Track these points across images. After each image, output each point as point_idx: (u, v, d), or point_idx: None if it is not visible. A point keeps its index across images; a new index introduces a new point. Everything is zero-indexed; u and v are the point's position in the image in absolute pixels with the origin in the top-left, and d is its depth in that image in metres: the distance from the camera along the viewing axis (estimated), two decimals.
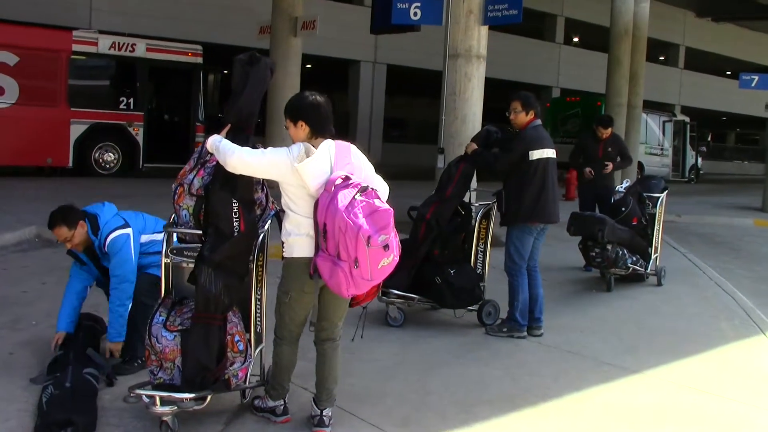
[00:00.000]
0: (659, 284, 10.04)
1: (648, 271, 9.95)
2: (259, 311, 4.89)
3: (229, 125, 4.68)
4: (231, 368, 4.62)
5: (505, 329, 7.16)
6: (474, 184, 8.02)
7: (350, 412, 5.06)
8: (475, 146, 7.33)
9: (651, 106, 31.82)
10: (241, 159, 4.40)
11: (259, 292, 4.86)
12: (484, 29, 12.96)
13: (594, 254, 9.28)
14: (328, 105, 4.59)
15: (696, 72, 47.87)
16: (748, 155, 60.54)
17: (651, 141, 32.40)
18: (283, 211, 4.58)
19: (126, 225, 5.48)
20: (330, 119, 4.59)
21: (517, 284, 7.14)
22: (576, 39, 44.13)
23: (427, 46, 21.72)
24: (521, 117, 7.12)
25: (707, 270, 11.42)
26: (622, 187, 10.25)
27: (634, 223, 9.65)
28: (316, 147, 4.43)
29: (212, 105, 23.49)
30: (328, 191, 4.25)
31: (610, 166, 10.75)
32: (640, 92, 27.68)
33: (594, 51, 38.19)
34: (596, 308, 8.62)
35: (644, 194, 9.96)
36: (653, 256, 10.01)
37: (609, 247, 9.10)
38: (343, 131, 33.52)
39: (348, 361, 5.65)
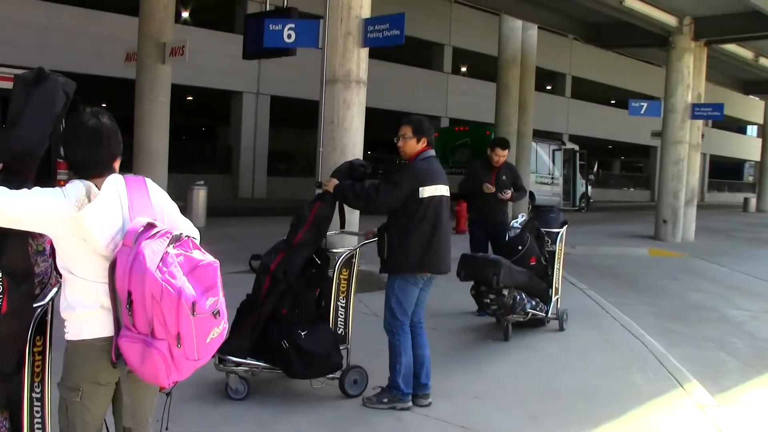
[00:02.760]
0: (561, 329, 8.98)
1: (549, 315, 8.90)
2: (38, 414, 3.49)
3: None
4: None
5: (385, 400, 5.90)
6: (355, 225, 6.81)
7: None
8: (336, 181, 6.07)
9: (539, 135, 31.57)
10: None
11: (38, 389, 3.47)
12: (364, 52, 12.00)
13: (489, 300, 8.06)
14: (112, 133, 3.31)
15: (582, 101, 48.25)
16: (633, 182, 61.52)
17: (541, 170, 32.14)
18: (60, 275, 3.29)
19: None
20: (111, 152, 3.32)
21: (398, 344, 5.92)
22: (464, 68, 43.97)
23: (312, 75, 20.71)
24: (411, 145, 5.99)
25: (609, 308, 10.50)
26: (517, 222, 9.16)
27: (533, 263, 8.49)
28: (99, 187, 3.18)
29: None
30: (128, 246, 3.03)
31: (510, 193, 9.68)
32: (529, 120, 27.39)
33: (482, 80, 37.91)
34: (493, 364, 7.45)
35: (542, 230, 8.90)
36: (554, 298, 8.96)
37: (505, 292, 7.92)
38: (226, 165, 32.34)
39: None
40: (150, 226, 3.12)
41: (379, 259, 6.02)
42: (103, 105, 38.03)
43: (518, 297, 8.13)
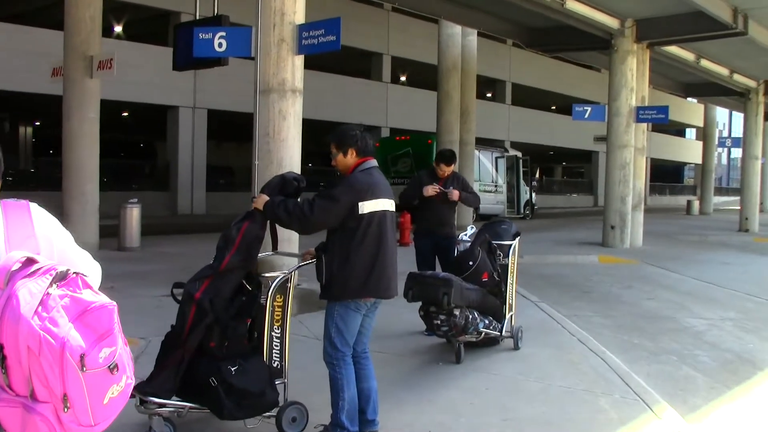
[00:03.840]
0: (516, 348, 8.40)
1: (503, 333, 8.31)
2: None
3: None
4: None
5: None
6: (294, 246, 6.14)
7: None
8: (266, 198, 5.40)
9: (481, 143, 31.29)
10: None
11: None
12: (299, 59, 11.47)
13: (439, 322, 7.42)
14: None
15: (523, 107, 48.22)
16: (576, 188, 61.76)
17: (484, 178, 31.86)
18: None
19: None
20: None
21: (340, 378, 5.28)
22: (403, 77, 43.65)
23: (250, 87, 20.15)
24: (341, 161, 5.38)
25: (564, 322, 10.00)
26: (467, 234, 8.60)
27: (485, 279, 7.88)
28: None
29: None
30: None
31: (456, 193, 9.04)
32: (471, 128, 27.09)
33: (423, 89, 37.62)
34: (447, 391, 6.81)
35: (494, 242, 8.29)
36: (508, 315, 8.37)
37: (457, 312, 7.32)
38: (164, 182, 31.50)
39: None
40: (29, 261, 2.44)
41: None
42: (38, 123, 37.18)
43: (470, 316, 7.53)
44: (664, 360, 8.51)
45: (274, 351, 5.49)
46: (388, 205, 5.38)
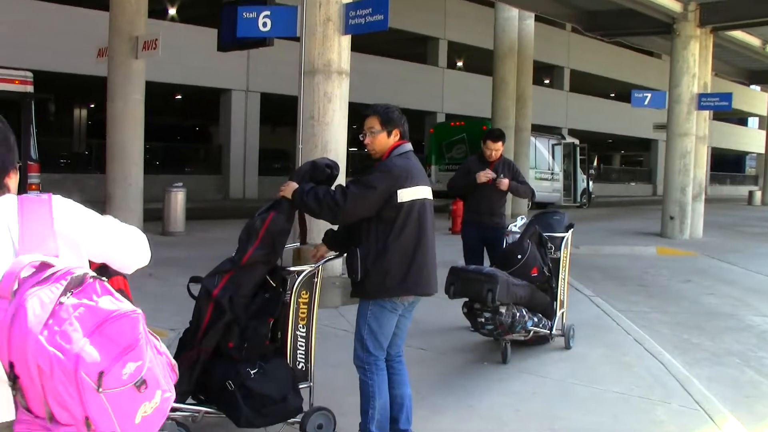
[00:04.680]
0: (567, 347, 7.87)
1: (554, 332, 7.79)
2: None
3: None
4: None
5: None
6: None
7: None
8: (294, 185, 4.93)
9: (538, 130, 30.62)
10: None
11: None
12: (346, 40, 11.07)
13: (483, 320, 6.89)
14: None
15: (581, 94, 47.33)
16: (635, 177, 60.68)
17: (541, 165, 31.20)
18: None
19: None
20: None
21: (371, 384, 4.81)
22: (460, 63, 43.08)
23: None
24: (381, 140, 4.85)
25: (620, 319, 9.43)
26: (516, 225, 8.07)
27: (534, 275, 7.34)
28: None
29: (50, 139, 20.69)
30: (5, 297, 1.98)
31: (505, 182, 8.47)
32: (527, 114, 26.46)
33: (479, 75, 37.06)
34: (490, 396, 6.30)
35: (545, 235, 7.75)
36: (559, 313, 7.85)
37: (502, 309, 6.81)
38: (217, 165, 31.39)
39: None
40: (43, 266, 2.05)
41: None
42: (92, 105, 37.28)
43: (518, 314, 7.00)
44: (726, 362, 7.91)
45: (298, 352, 5.03)
46: (427, 192, 4.90)
